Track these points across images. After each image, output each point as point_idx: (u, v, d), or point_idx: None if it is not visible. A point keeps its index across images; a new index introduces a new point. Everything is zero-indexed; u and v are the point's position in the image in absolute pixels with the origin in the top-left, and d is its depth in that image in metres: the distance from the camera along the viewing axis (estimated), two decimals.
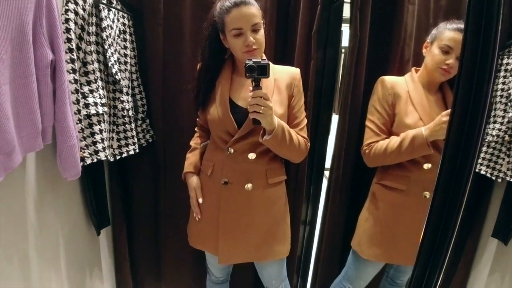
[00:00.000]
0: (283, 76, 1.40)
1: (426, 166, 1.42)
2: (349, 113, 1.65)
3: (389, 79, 1.49)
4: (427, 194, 1.43)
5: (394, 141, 1.41)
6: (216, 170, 1.43)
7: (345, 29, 1.65)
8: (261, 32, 1.28)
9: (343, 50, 1.67)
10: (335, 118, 1.77)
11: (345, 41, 1.63)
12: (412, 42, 1.64)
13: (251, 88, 1.20)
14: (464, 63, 0.52)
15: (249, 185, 1.39)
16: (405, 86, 1.46)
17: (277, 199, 1.48)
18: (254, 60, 1.16)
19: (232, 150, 1.37)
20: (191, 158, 1.54)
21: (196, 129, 1.62)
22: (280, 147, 1.32)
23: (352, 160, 1.74)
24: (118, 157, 1.57)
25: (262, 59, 1.18)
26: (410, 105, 1.42)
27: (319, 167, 1.90)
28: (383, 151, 1.43)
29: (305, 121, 1.45)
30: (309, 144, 1.44)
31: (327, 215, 1.83)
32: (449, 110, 1.30)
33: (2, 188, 1.06)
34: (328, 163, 1.85)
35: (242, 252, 1.46)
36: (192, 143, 1.59)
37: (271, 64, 1.39)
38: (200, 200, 1.47)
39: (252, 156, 1.38)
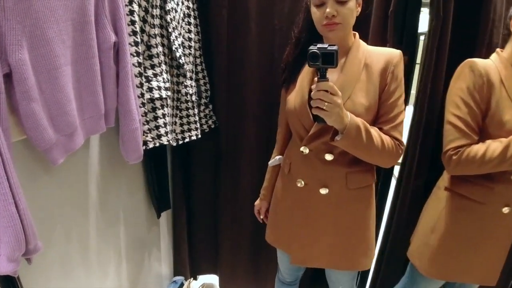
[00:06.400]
0: (378, 59, 1.16)
1: None
2: (427, 103, 1.47)
3: (481, 63, 1.17)
4: (507, 210, 1.21)
5: (493, 147, 1.13)
6: (292, 169, 1.30)
7: (421, 14, 1.46)
8: (350, 5, 1.07)
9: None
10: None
11: (420, 27, 1.45)
12: (502, 24, 1.41)
13: (316, 80, 1.02)
14: None
15: (325, 190, 1.22)
16: (497, 72, 1.17)
17: (359, 206, 1.28)
18: (319, 45, 0.96)
19: (307, 150, 1.21)
20: (269, 185, 1.51)
21: (276, 144, 1.50)
22: (355, 149, 1.12)
23: (427, 157, 1.56)
24: (180, 142, 1.57)
25: (330, 45, 0.96)
26: (506, 97, 1.15)
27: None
28: (478, 159, 1.13)
29: (401, 117, 1.16)
30: (402, 147, 1.16)
31: (395, 217, 1.67)
32: None
33: (66, 169, 1.10)
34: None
35: (315, 256, 1.33)
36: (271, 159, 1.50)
37: (364, 45, 1.21)
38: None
39: (329, 157, 1.19)
